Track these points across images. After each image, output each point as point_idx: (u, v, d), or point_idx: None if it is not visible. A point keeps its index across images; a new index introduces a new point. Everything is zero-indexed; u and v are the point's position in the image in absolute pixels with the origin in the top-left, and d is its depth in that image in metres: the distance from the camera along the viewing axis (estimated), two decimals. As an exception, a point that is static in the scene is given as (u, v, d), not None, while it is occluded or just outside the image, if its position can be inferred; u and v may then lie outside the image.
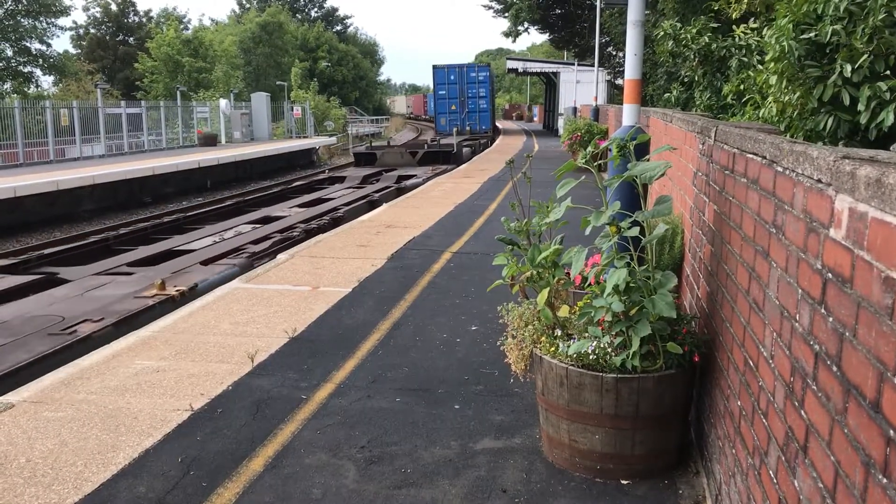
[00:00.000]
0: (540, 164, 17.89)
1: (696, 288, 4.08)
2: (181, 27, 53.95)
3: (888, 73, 3.78)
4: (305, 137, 38.74)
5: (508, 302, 4.07)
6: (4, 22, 46.17)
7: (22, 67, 48.68)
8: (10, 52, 47.70)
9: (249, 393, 4.50)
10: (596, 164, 3.72)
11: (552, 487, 3.39)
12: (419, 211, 12.20)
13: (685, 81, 9.70)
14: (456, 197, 13.96)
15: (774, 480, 2.17)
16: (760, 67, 5.62)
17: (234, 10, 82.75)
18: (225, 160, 24.29)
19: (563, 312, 3.70)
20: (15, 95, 42.52)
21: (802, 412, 1.93)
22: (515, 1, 39.73)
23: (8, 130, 21.94)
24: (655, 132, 7.51)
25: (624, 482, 3.40)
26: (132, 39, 62.96)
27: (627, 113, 5.61)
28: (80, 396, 4.44)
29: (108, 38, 63.83)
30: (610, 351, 3.31)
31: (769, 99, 4.84)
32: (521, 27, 42.24)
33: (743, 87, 6.79)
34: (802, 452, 1.90)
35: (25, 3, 46.83)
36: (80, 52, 60.96)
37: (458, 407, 4.29)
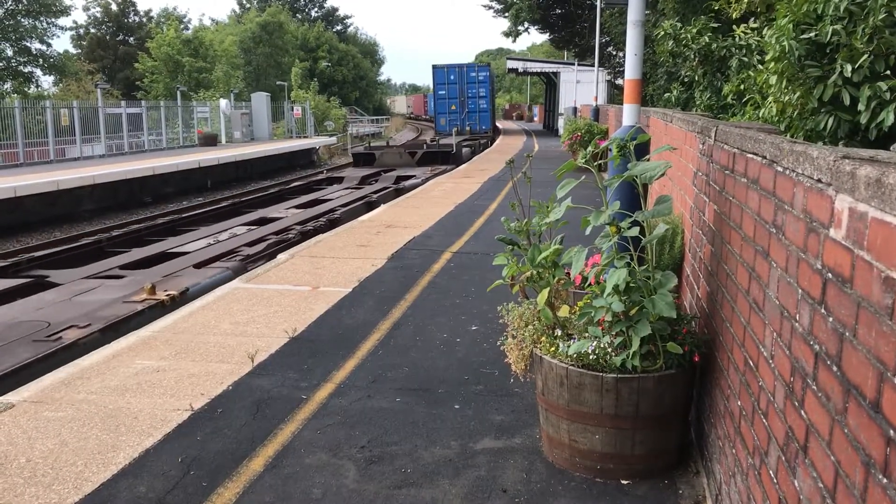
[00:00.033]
0: (540, 164, 17.89)
1: (696, 288, 4.08)
2: (181, 27, 54.01)
3: (888, 72, 3.79)
4: (306, 137, 38.75)
5: (508, 302, 4.07)
6: (5, 22, 46.19)
7: (22, 67, 48.70)
8: (10, 51, 47.73)
9: (250, 393, 4.50)
10: (596, 163, 3.72)
11: (552, 487, 3.39)
12: (419, 211, 12.20)
13: (685, 81, 9.71)
14: (456, 197, 13.96)
15: (774, 480, 2.17)
16: (761, 67, 5.62)
17: (234, 9, 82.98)
18: (225, 160, 24.30)
19: (563, 312, 3.71)
20: (15, 95, 42.50)
21: (802, 412, 1.93)
22: (515, 1, 39.74)
23: (8, 130, 21.96)
24: (655, 132, 7.51)
25: (624, 482, 3.40)
26: (132, 39, 63.00)
27: (627, 113, 5.61)
28: (80, 396, 4.44)
29: (108, 37, 63.86)
30: (610, 351, 3.31)
31: (769, 99, 4.84)
32: (521, 27, 42.26)
33: (743, 87, 6.79)
34: (802, 452, 1.91)
35: (26, 2, 46.84)
36: (80, 52, 60.98)
37: (458, 407, 4.30)
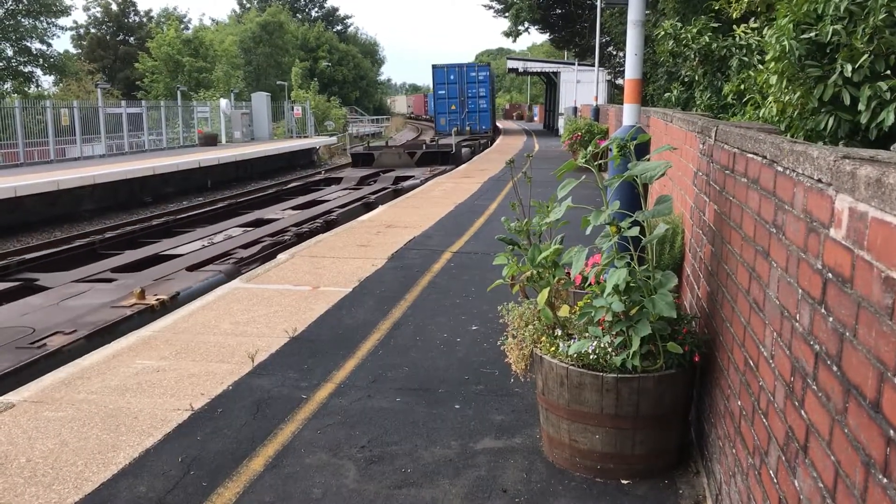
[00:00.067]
0: (540, 163, 17.89)
1: (696, 288, 4.08)
2: (181, 27, 53.97)
3: (888, 72, 3.79)
4: (306, 137, 38.76)
5: (509, 302, 4.07)
6: (5, 22, 46.20)
7: (22, 67, 48.71)
8: (10, 51, 47.73)
9: (250, 393, 4.50)
10: (596, 163, 3.72)
11: (552, 487, 3.39)
12: (419, 211, 12.20)
13: (685, 81, 9.71)
14: (456, 197, 13.96)
15: (775, 480, 2.17)
16: (761, 67, 5.62)
17: (234, 9, 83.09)
18: (225, 160, 24.31)
19: (563, 312, 3.70)
20: (15, 95, 42.51)
21: (802, 412, 1.93)
22: (516, 1, 39.74)
23: (8, 130, 21.97)
24: (656, 132, 7.51)
25: (624, 482, 3.40)
26: (132, 39, 63.01)
27: (628, 113, 5.61)
28: (80, 396, 4.45)
29: (108, 37, 63.87)
30: (610, 351, 3.31)
31: (769, 99, 4.84)
32: (521, 27, 42.28)
33: (743, 86, 6.80)
34: (803, 452, 1.90)
35: (26, 2, 46.85)
36: (80, 51, 60.98)
37: (458, 407, 4.29)
